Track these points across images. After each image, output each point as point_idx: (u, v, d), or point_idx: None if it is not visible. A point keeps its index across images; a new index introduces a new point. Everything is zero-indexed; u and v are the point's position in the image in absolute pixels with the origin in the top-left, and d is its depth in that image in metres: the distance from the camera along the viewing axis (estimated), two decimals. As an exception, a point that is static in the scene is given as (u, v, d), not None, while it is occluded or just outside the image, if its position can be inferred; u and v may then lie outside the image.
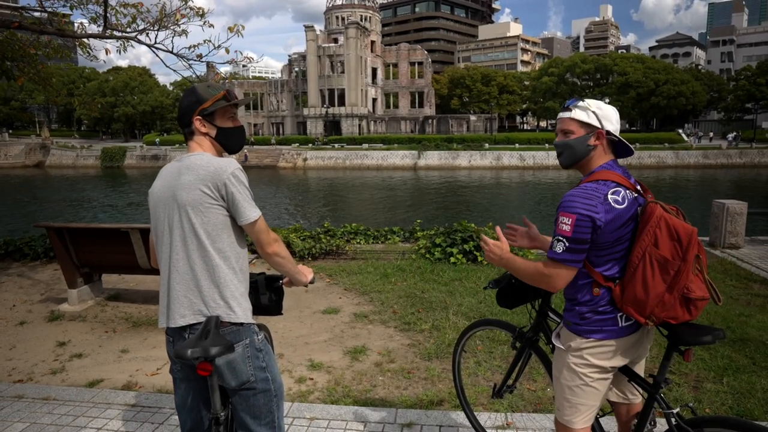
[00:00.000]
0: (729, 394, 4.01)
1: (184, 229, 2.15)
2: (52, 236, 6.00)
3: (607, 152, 2.25)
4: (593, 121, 2.21)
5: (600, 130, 2.21)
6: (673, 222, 2.07)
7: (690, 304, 2.09)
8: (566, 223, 2.08)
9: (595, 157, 2.24)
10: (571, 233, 2.07)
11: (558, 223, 2.12)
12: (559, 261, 2.13)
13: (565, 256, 2.11)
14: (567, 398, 2.31)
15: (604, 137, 2.22)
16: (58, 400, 4.05)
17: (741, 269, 7.59)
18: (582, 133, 2.24)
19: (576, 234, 2.07)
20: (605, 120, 2.21)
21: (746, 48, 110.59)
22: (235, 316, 2.17)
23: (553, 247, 2.14)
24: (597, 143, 2.23)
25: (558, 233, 2.12)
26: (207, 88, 2.26)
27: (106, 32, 6.46)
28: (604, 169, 2.20)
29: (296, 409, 3.82)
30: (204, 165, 2.15)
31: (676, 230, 2.06)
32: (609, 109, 2.25)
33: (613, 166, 2.23)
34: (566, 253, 2.11)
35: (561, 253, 2.12)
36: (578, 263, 2.13)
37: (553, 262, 2.15)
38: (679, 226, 2.06)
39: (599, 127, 2.21)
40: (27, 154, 66.64)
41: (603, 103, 2.25)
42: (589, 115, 2.22)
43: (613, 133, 2.22)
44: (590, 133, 2.22)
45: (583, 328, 2.23)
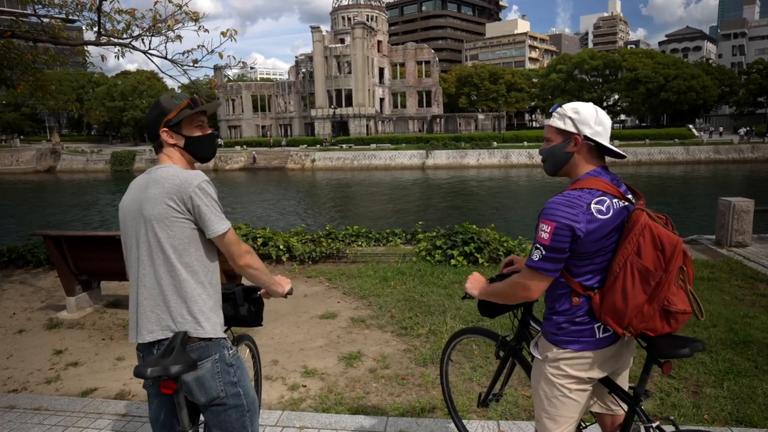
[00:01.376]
0: (729, 399, 3.91)
1: (151, 243, 2.12)
2: (49, 244, 6.01)
3: (593, 157, 2.16)
4: (569, 128, 2.14)
5: (576, 136, 2.13)
6: (659, 231, 1.99)
7: (670, 316, 2.01)
8: (545, 231, 2.02)
9: (579, 164, 2.16)
10: (549, 242, 2.01)
11: (538, 230, 2.06)
12: (535, 269, 2.07)
13: (540, 264, 2.05)
14: (545, 409, 2.25)
15: (581, 143, 2.14)
16: (49, 410, 4.04)
17: (747, 268, 7.45)
18: (559, 141, 2.18)
19: (554, 243, 2.01)
20: (582, 125, 2.11)
21: (758, 41, 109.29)
22: (203, 332, 2.14)
23: (531, 255, 2.09)
24: (574, 149, 2.15)
25: (537, 240, 2.06)
26: (171, 99, 2.23)
27: (100, 39, 6.46)
28: (591, 177, 2.11)
29: (286, 417, 3.79)
30: (170, 178, 2.12)
31: (661, 240, 1.98)
32: (587, 112, 2.12)
33: (601, 173, 2.13)
34: (542, 262, 2.04)
35: (537, 261, 2.05)
36: (554, 272, 2.07)
37: (530, 270, 2.10)
38: (663, 236, 1.98)
39: (575, 133, 2.13)
40: (38, 159, 67.28)
41: (583, 107, 2.13)
42: (565, 122, 2.15)
43: (592, 137, 2.11)
44: (567, 140, 2.16)
45: (560, 338, 2.17)
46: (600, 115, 2.13)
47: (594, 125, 2.12)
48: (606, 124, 2.14)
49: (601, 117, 2.13)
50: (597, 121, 2.12)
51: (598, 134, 2.12)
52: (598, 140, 2.12)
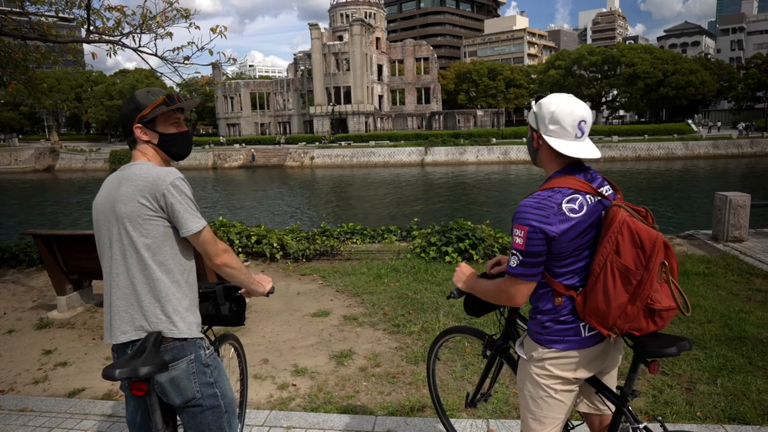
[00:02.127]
0: (722, 396, 3.87)
1: (123, 242, 2.07)
2: (39, 244, 5.96)
3: (558, 154, 2.04)
4: (533, 123, 2.09)
5: (535, 133, 2.09)
6: (637, 227, 1.92)
7: (655, 315, 1.95)
8: (519, 236, 1.96)
9: (546, 160, 2.11)
10: (524, 246, 1.95)
11: (512, 236, 2.01)
12: (514, 275, 2.02)
13: (519, 270, 1.99)
14: (531, 410, 2.20)
15: (537, 141, 2.09)
16: (35, 412, 3.99)
17: (743, 263, 7.40)
18: (530, 134, 2.15)
19: (529, 247, 1.95)
20: (540, 121, 2.04)
21: (756, 36, 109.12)
22: (177, 331, 2.09)
23: (509, 262, 2.03)
24: (537, 146, 2.11)
25: (512, 246, 2.01)
26: (147, 94, 2.17)
27: (90, 36, 6.40)
28: (561, 175, 2.04)
29: (274, 417, 3.74)
30: (142, 175, 2.07)
31: (639, 236, 1.91)
32: (546, 108, 2.00)
33: (573, 170, 2.05)
34: (520, 267, 1.99)
35: (515, 267, 2.00)
36: (535, 277, 2.01)
37: (510, 277, 2.04)
38: (642, 232, 1.91)
39: (536, 129, 2.08)
40: (37, 158, 67.23)
41: (547, 101, 2.02)
42: (531, 117, 2.10)
43: (543, 136, 2.02)
44: (532, 135, 2.12)
45: (545, 337, 2.12)
46: (558, 112, 1.97)
47: (548, 124, 2.01)
48: (565, 122, 1.97)
49: (559, 115, 1.97)
50: (552, 119, 1.99)
51: (553, 134, 2.00)
52: (549, 141, 2.01)
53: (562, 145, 2.00)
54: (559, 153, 2.02)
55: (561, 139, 2.00)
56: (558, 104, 1.99)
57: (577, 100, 2.03)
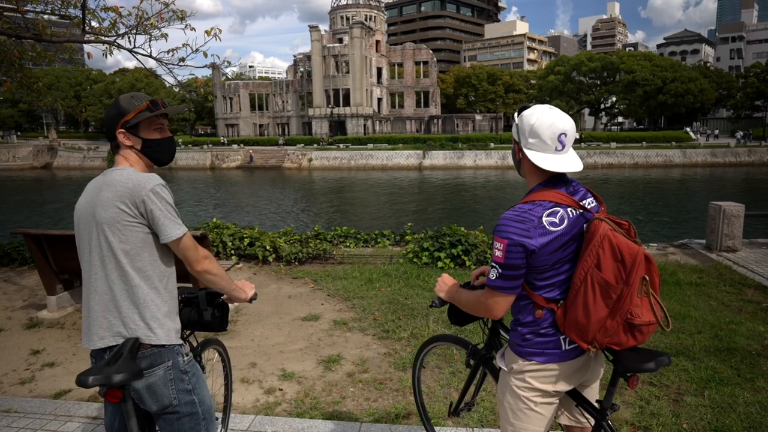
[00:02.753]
0: (709, 408, 3.86)
1: (102, 247, 2.07)
2: (30, 243, 5.93)
3: (539, 169, 2.03)
4: (515, 135, 2.09)
5: (516, 144, 2.09)
6: (618, 241, 1.91)
7: (635, 329, 1.95)
8: (499, 249, 1.96)
9: (528, 173, 2.11)
10: (503, 259, 1.95)
11: (493, 249, 2.01)
12: (494, 288, 2.02)
13: (498, 283, 2.00)
14: (511, 422, 2.19)
15: (518, 153, 2.09)
16: (19, 413, 3.97)
17: (736, 273, 7.40)
18: (513, 146, 2.15)
19: (508, 260, 1.95)
20: (520, 134, 2.04)
21: (756, 45, 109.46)
22: (155, 338, 2.08)
23: (489, 274, 2.03)
24: (519, 158, 2.11)
25: (492, 259, 2.01)
26: (130, 99, 2.17)
27: (85, 36, 6.39)
28: (542, 188, 2.04)
29: (258, 422, 3.73)
30: (123, 181, 2.06)
31: (620, 250, 1.90)
32: (526, 121, 1.99)
33: (555, 183, 2.04)
34: (499, 280, 1.99)
35: (495, 279, 2.00)
36: (513, 290, 2.01)
37: (489, 289, 2.05)
38: (623, 246, 1.91)
39: (517, 141, 2.08)
40: (35, 155, 67.12)
41: (528, 114, 2.01)
42: (514, 129, 2.10)
43: (523, 149, 2.01)
44: (515, 147, 2.13)
45: (526, 350, 2.11)
46: (538, 125, 1.95)
47: (528, 137, 2.00)
48: (545, 135, 1.95)
49: (539, 128, 1.95)
50: (531, 132, 1.97)
51: (533, 147, 1.99)
52: (529, 154, 1.99)
53: (542, 158, 1.98)
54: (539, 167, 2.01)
55: (540, 153, 1.99)
56: (538, 117, 1.98)
57: (559, 112, 2.00)
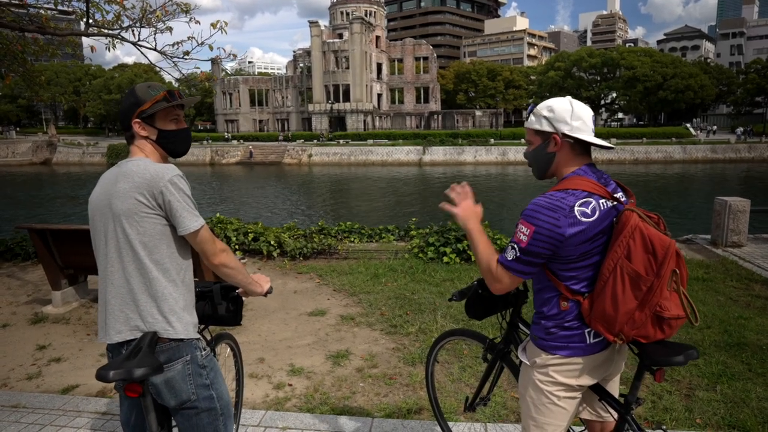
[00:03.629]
0: (722, 403, 3.84)
1: (119, 239, 2.02)
2: (34, 238, 5.89)
3: (576, 155, 2.04)
4: (546, 127, 2.04)
5: (554, 135, 2.03)
6: (650, 232, 1.88)
7: (663, 323, 1.91)
8: (524, 233, 1.93)
9: (562, 163, 2.06)
10: (527, 245, 1.92)
11: (516, 230, 1.97)
12: (507, 268, 1.99)
13: (513, 265, 1.97)
14: (533, 417, 2.16)
15: (561, 142, 2.03)
16: (27, 408, 3.94)
17: (742, 269, 7.38)
18: (539, 142, 2.09)
19: (531, 246, 1.92)
20: (558, 122, 2.01)
21: (756, 41, 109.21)
22: (173, 332, 2.04)
23: (505, 252, 2.00)
24: (555, 149, 2.05)
25: (513, 240, 1.98)
26: (147, 89, 2.13)
27: (88, 29, 6.34)
28: (576, 176, 2.01)
29: (269, 417, 3.70)
30: (140, 172, 2.02)
31: (652, 242, 1.87)
32: (562, 107, 2.01)
33: (588, 171, 2.03)
34: (515, 263, 1.97)
35: (510, 260, 1.98)
36: (525, 275, 1.99)
37: (501, 266, 2.01)
38: (655, 238, 1.88)
39: (553, 132, 2.03)
40: (34, 151, 66.96)
41: (558, 103, 2.02)
42: (541, 122, 2.05)
43: (570, 134, 2.00)
44: (546, 141, 2.06)
45: (549, 343, 2.08)
46: (576, 108, 2.01)
47: (571, 121, 2.00)
48: (585, 116, 2.01)
49: (578, 111, 2.01)
50: (573, 116, 2.00)
51: (578, 130, 2.00)
52: (578, 136, 2.00)
53: (589, 138, 2.01)
54: (577, 153, 2.04)
55: (585, 134, 2.01)
56: (570, 102, 2.03)
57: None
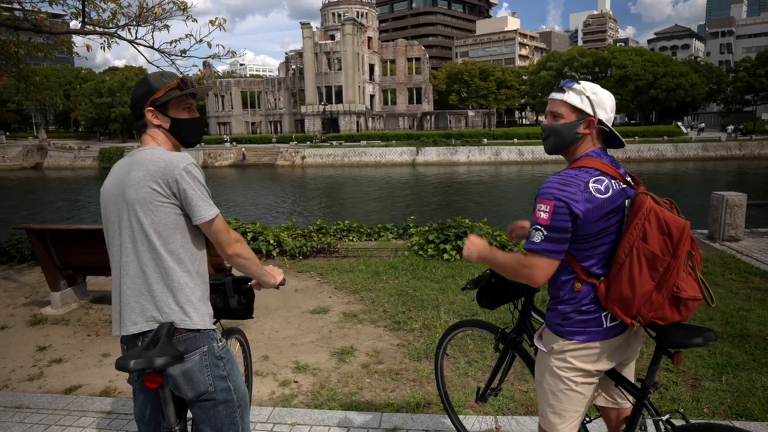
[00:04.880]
0: (728, 392, 3.86)
1: (134, 229, 2.00)
2: (32, 238, 5.84)
3: (596, 142, 2.08)
4: (586, 107, 2.03)
5: (591, 118, 2.03)
6: (664, 215, 1.90)
7: (680, 303, 1.92)
8: (544, 211, 1.92)
9: (584, 145, 2.08)
10: (550, 221, 1.92)
11: (535, 211, 1.96)
12: (538, 252, 1.96)
13: (543, 246, 1.95)
14: (550, 404, 2.15)
15: (595, 126, 2.04)
16: (31, 408, 3.90)
17: (740, 262, 7.43)
18: (572, 119, 2.06)
19: (555, 222, 1.91)
20: (599, 107, 2.03)
21: (745, 39, 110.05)
22: (190, 322, 2.02)
23: (531, 237, 1.97)
24: (587, 132, 2.05)
25: (535, 221, 1.96)
26: (160, 77, 2.11)
27: (85, 28, 6.29)
28: (589, 157, 2.03)
29: (277, 414, 3.68)
30: (154, 160, 1.99)
31: (667, 223, 1.89)
32: (605, 95, 2.05)
33: (600, 154, 2.05)
34: (545, 243, 1.94)
35: (539, 242, 1.95)
36: (559, 254, 1.97)
37: (532, 253, 1.98)
38: (670, 220, 1.89)
39: (591, 115, 2.03)
40: (24, 156, 66.40)
41: (600, 88, 2.06)
42: (582, 100, 2.04)
43: (605, 123, 2.04)
44: (581, 120, 2.05)
45: (566, 329, 2.07)
46: (613, 102, 2.08)
47: (609, 111, 2.06)
48: (613, 110, 2.10)
49: (613, 104, 2.09)
50: (612, 108, 2.07)
51: (609, 121, 2.07)
52: (609, 127, 2.07)
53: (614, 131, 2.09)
54: (599, 140, 2.09)
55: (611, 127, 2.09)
56: (608, 93, 2.08)
57: None
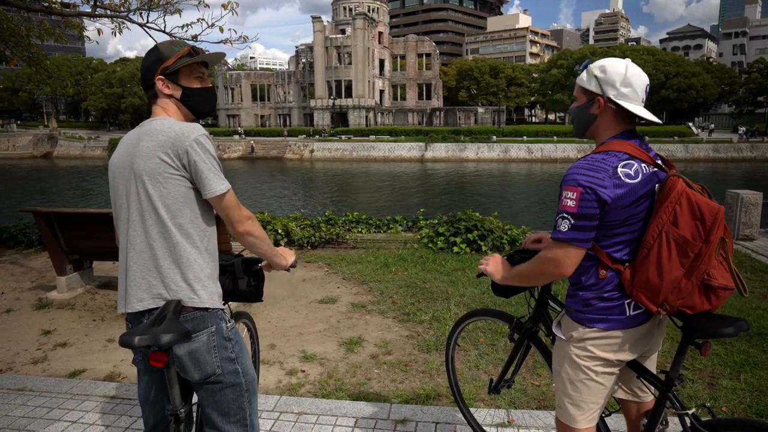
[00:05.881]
0: (747, 391, 3.75)
1: (141, 201, 1.91)
2: (40, 221, 5.79)
3: (620, 121, 1.95)
4: (593, 88, 1.95)
5: (599, 98, 1.94)
6: (697, 198, 1.80)
7: (711, 292, 1.81)
8: (571, 198, 1.81)
9: (603, 127, 1.98)
10: (577, 209, 1.81)
11: (561, 199, 1.85)
12: (565, 241, 1.85)
13: (571, 235, 1.83)
14: (569, 394, 2.06)
15: (604, 106, 1.94)
16: (34, 391, 3.85)
17: (756, 261, 7.29)
18: (583, 101, 2.00)
19: (582, 209, 1.81)
20: (607, 85, 1.91)
21: (759, 40, 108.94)
22: (198, 300, 1.93)
23: (558, 226, 1.86)
24: (598, 112, 1.96)
25: (562, 210, 1.85)
26: (170, 46, 2.02)
27: (96, 11, 6.23)
28: (616, 140, 1.92)
29: (284, 403, 3.60)
30: (164, 130, 1.91)
31: (699, 207, 1.78)
32: (615, 71, 1.90)
33: (629, 136, 1.94)
34: (573, 231, 1.83)
35: (567, 231, 1.84)
36: (587, 242, 1.86)
37: (558, 243, 1.87)
38: (702, 203, 1.79)
39: (599, 94, 1.94)
40: (35, 144, 66.81)
41: (612, 64, 1.92)
42: (590, 81, 1.96)
43: (615, 100, 1.90)
44: (591, 101, 1.97)
45: (587, 316, 1.98)
46: (630, 74, 1.90)
47: (620, 86, 1.90)
48: (636, 85, 1.90)
49: (631, 77, 1.89)
50: (624, 81, 1.90)
51: (624, 97, 1.90)
52: (623, 103, 1.90)
53: (635, 108, 1.91)
54: (620, 119, 1.94)
55: (632, 103, 1.91)
56: (627, 67, 1.91)
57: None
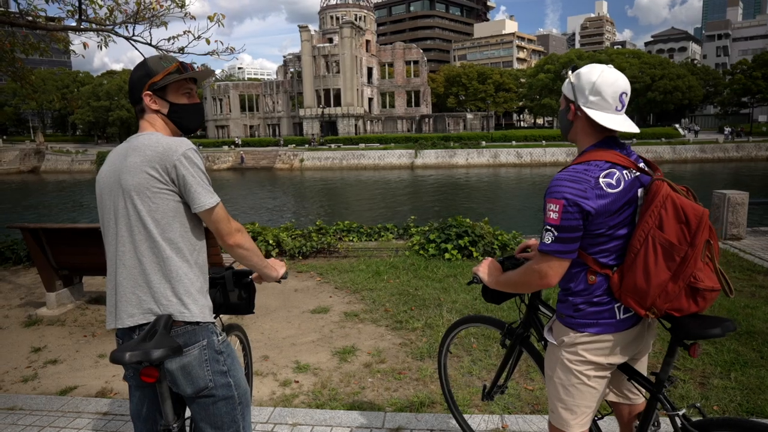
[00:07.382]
0: (737, 390, 3.78)
1: (130, 217, 1.91)
2: (27, 237, 5.75)
3: (594, 128, 1.94)
4: (569, 94, 1.97)
5: (572, 104, 1.96)
6: (682, 202, 1.81)
7: (697, 294, 1.84)
8: (554, 210, 1.84)
9: (580, 133, 1.99)
10: (560, 221, 1.83)
11: (545, 211, 1.88)
12: (549, 253, 1.88)
13: (554, 247, 1.86)
14: (561, 399, 2.08)
15: (574, 113, 1.96)
16: (24, 410, 3.80)
17: (744, 260, 7.37)
18: (563, 105, 2.03)
19: (564, 221, 1.83)
20: (579, 92, 1.92)
21: (741, 42, 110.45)
22: (189, 314, 1.93)
23: (543, 239, 1.90)
24: (572, 118, 1.99)
25: (546, 222, 1.88)
26: (159, 61, 2.03)
27: (81, 25, 6.21)
28: (597, 149, 1.93)
29: (278, 414, 3.59)
30: (152, 145, 1.91)
31: (684, 211, 1.80)
32: (586, 79, 1.89)
33: (610, 143, 1.95)
34: (556, 244, 1.86)
35: (550, 243, 1.87)
36: (571, 254, 1.89)
37: (543, 255, 1.91)
38: (687, 207, 1.81)
39: (572, 101, 1.96)
40: (22, 159, 66.23)
41: (586, 71, 1.91)
42: (568, 87, 1.98)
43: (582, 108, 1.91)
44: (568, 107, 2.00)
45: (578, 320, 2.00)
46: (600, 83, 1.87)
47: (588, 95, 1.90)
48: (607, 93, 1.87)
49: (600, 86, 1.87)
50: (593, 90, 1.88)
51: (593, 105, 1.90)
52: (588, 111, 1.90)
53: (603, 117, 1.89)
54: (596, 126, 1.92)
55: (601, 112, 1.90)
56: (599, 74, 1.89)
57: (618, 71, 1.92)
